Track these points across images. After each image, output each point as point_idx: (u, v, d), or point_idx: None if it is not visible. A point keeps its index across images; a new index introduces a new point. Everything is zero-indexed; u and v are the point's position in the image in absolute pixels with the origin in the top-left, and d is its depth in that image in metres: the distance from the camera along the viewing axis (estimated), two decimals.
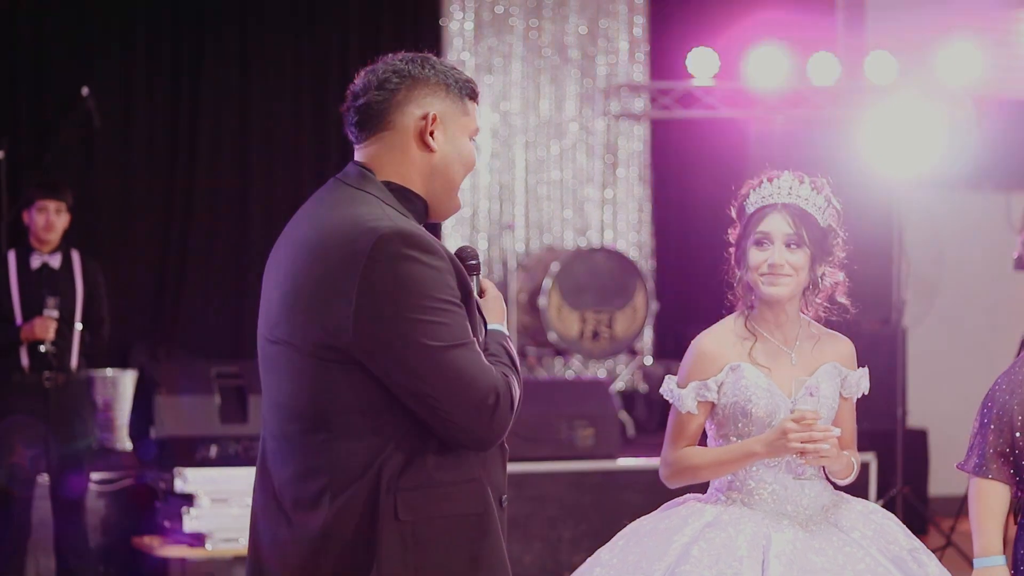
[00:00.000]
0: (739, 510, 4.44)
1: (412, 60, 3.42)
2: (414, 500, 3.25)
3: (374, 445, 3.24)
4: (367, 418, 3.24)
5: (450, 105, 3.41)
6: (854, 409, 4.67)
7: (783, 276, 4.44)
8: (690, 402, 4.49)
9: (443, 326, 3.19)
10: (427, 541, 3.26)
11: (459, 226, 11.91)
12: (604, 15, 12.28)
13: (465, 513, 3.31)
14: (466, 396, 3.21)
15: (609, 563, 4.42)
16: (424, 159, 3.39)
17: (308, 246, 3.31)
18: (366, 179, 3.37)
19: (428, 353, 3.18)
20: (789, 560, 4.27)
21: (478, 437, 3.26)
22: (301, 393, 3.29)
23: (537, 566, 9.12)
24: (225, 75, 11.08)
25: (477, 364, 3.23)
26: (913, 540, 4.50)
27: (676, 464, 4.52)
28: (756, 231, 4.47)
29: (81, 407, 8.38)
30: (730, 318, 4.59)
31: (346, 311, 3.19)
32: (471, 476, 3.32)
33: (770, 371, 4.48)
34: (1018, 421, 4.40)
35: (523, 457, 9.39)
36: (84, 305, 8.36)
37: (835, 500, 4.53)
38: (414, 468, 3.26)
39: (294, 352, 3.29)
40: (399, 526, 3.24)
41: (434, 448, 3.27)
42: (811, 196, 4.48)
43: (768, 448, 4.36)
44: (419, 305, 3.18)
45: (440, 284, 3.20)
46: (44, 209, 8.28)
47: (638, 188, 12.41)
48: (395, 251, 3.18)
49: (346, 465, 3.24)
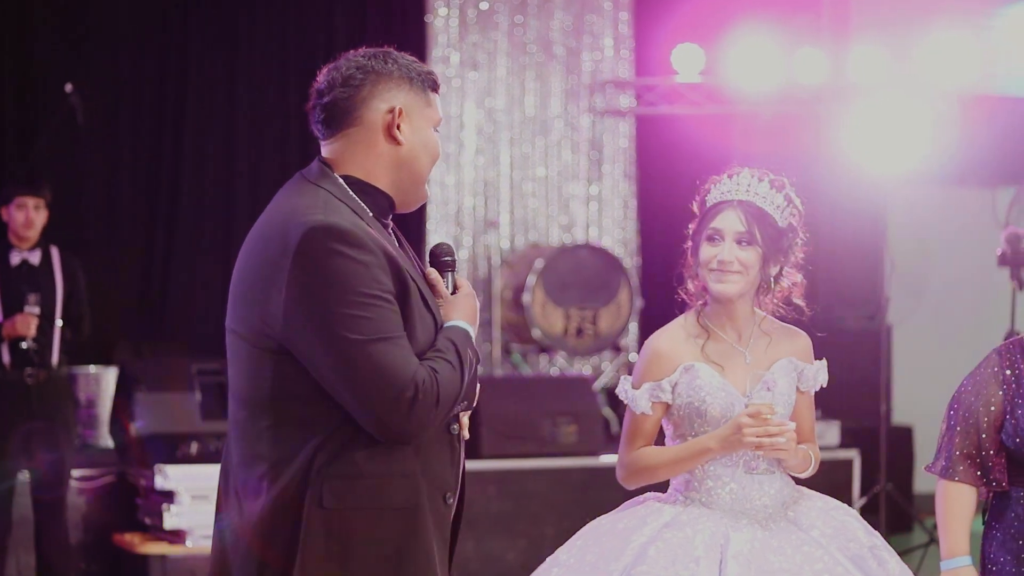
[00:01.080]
0: (697, 510, 4.40)
1: (374, 55, 3.49)
2: (341, 489, 3.31)
3: (309, 433, 3.32)
4: (301, 407, 3.32)
5: (414, 98, 3.48)
6: (812, 403, 4.64)
7: (732, 273, 4.40)
8: (644, 403, 4.45)
9: (365, 320, 3.25)
10: (351, 531, 3.33)
11: (444, 222, 11.89)
12: (589, 11, 12.26)
13: (393, 507, 3.36)
14: (382, 389, 3.25)
15: (567, 563, 4.38)
16: (391, 152, 3.47)
17: (254, 240, 3.43)
18: (325, 175, 3.46)
19: (347, 345, 3.24)
20: (747, 560, 4.24)
21: (394, 431, 3.30)
22: (248, 381, 3.40)
23: (520, 563, 9.11)
24: (211, 74, 11.05)
25: (398, 358, 3.27)
26: (874, 537, 4.46)
27: (632, 465, 4.48)
28: (709, 227, 4.44)
29: (63, 404, 8.38)
30: (684, 316, 4.55)
31: (277, 302, 3.29)
32: (403, 470, 3.37)
33: (723, 369, 4.44)
34: (983, 423, 4.39)
35: (506, 454, 9.40)
36: (64, 301, 8.36)
37: (795, 496, 4.50)
38: (344, 458, 3.32)
39: (243, 341, 3.40)
40: (323, 513, 3.30)
41: (366, 440, 3.32)
42: (769, 194, 4.44)
43: (723, 444, 4.34)
44: (342, 299, 3.25)
45: (366, 279, 3.27)
46: (23, 205, 8.27)
47: (623, 184, 12.40)
48: (322, 245, 3.27)
49: (283, 452, 3.32)
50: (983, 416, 4.38)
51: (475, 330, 3.53)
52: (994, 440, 4.38)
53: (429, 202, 11.77)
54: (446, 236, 11.86)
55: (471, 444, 9.43)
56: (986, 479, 4.39)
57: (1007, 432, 4.36)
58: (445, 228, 11.87)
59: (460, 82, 11.96)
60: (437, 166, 12.25)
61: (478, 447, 9.40)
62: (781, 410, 4.43)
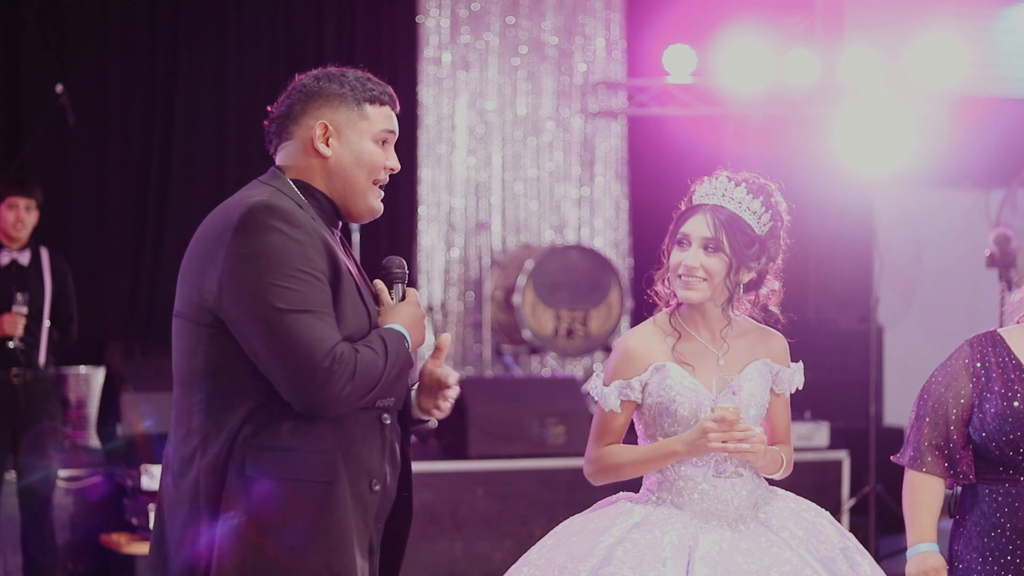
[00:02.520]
0: (668, 510, 4.38)
1: (316, 77, 3.78)
2: (262, 459, 3.50)
3: (240, 407, 3.51)
4: (234, 380, 3.51)
5: (344, 113, 3.74)
6: (788, 405, 4.61)
7: (696, 279, 4.36)
8: (613, 400, 4.43)
9: (294, 291, 3.45)
10: (268, 499, 3.48)
11: (435, 223, 11.87)
12: (581, 12, 12.25)
13: (310, 480, 3.53)
14: (300, 357, 3.43)
15: (536, 563, 4.37)
16: (320, 163, 3.73)
17: (201, 227, 3.65)
18: (275, 175, 3.73)
19: (272, 314, 3.44)
20: (714, 562, 4.23)
21: (309, 400, 3.47)
22: (184, 358, 3.60)
23: (508, 564, 9.02)
24: (200, 75, 11.04)
25: (319, 330, 3.46)
26: (846, 539, 4.44)
27: (599, 462, 4.46)
28: (679, 231, 4.40)
29: (50, 404, 8.36)
30: (658, 316, 4.52)
31: (214, 274, 3.50)
32: (323, 448, 3.55)
33: (695, 370, 4.42)
34: (952, 415, 4.38)
35: (494, 454, 9.39)
36: (53, 302, 8.36)
37: (768, 497, 4.48)
38: (270, 430, 3.51)
39: (183, 321, 3.60)
40: (244, 481, 3.49)
41: (291, 414, 3.51)
42: (744, 199, 4.38)
43: (688, 448, 4.31)
44: (274, 270, 3.46)
45: (299, 256, 3.48)
46: (14, 206, 8.27)
47: (615, 185, 12.39)
48: (261, 221, 3.50)
49: (213, 425, 3.52)
50: (952, 408, 4.39)
51: (415, 337, 3.69)
52: (962, 432, 4.38)
53: (420, 203, 11.76)
54: (437, 237, 11.85)
55: (459, 444, 9.46)
56: (953, 471, 4.40)
57: (974, 426, 4.36)
58: (436, 229, 11.86)
59: (451, 83, 11.95)
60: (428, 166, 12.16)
61: (466, 447, 9.39)
62: (753, 411, 4.41)
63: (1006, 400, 4.31)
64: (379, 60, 11.25)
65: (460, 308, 11.89)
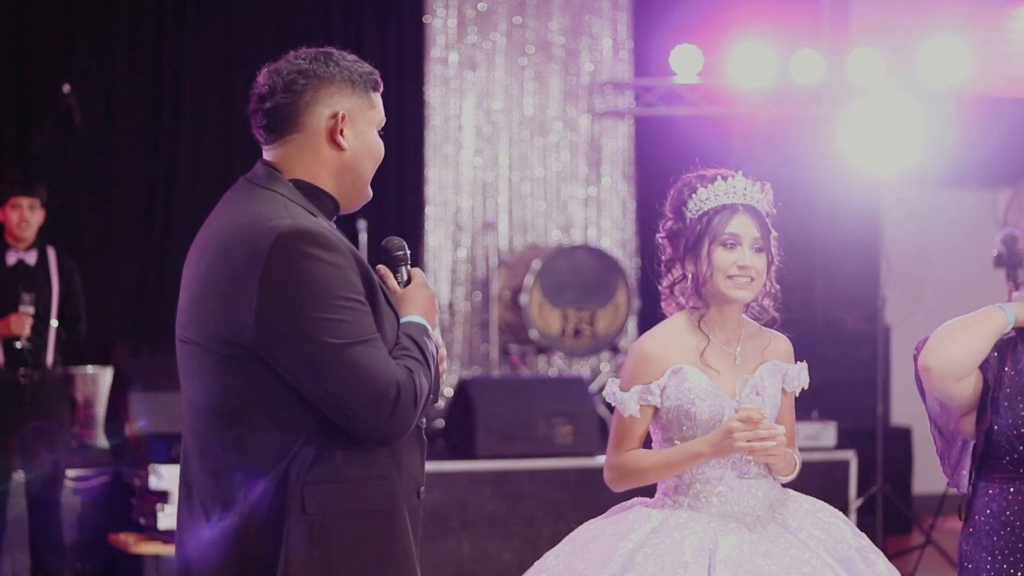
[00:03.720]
0: (686, 514, 4.36)
1: (315, 58, 3.44)
2: (321, 494, 3.27)
3: (283, 441, 3.27)
4: (275, 414, 3.27)
5: (356, 101, 3.44)
6: (793, 405, 4.61)
7: (748, 279, 4.37)
8: (632, 406, 4.40)
9: (343, 323, 3.21)
10: (333, 535, 3.29)
11: (442, 223, 11.88)
12: (588, 12, 12.25)
13: (372, 509, 3.33)
14: (366, 392, 3.22)
15: (555, 570, 4.34)
16: (335, 157, 3.43)
17: (214, 246, 3.34)
18: (274, 178, 3.40)
19: (328, 350, 3.20)
20: (735, 564, 4.21)
21: (379, 432, 3.28)
22: (210, 391, 3.31)
23: (515, 564, 9.09)
24: (207, 75, 11.05)
25: (378, 360, 3.24)
26: (861, 538, 4.44)
27: (620, 468, 4.44)
28: (725, 231, 4.36)
29: (57, 404, 8.37)
30: (673, 319, 4.49)
31: (248, 309, 3.22)
32: (380, 472, 3.35)
33: (718, 374, 4.41)
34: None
35: (502, 454, 9.39)
36: (60, 302, 8.36)
37: (782, 498, 4.47)
38: (322, 463, 3.28)
39: (201, 351, 3.32)
40: (306, 519, 3.26)
41: (343, 443, 3.29)
42: (761, 199, 4.42)
43: (714, 449, 4.29)
44: (319, 303, 3.20)
45: (341, 281, 3.23)
46: (18, 206, 8.28)
47: (622, 185, 12.39)
48: (295, 249, 3.22)
49: (257, 461, 3.28)
50: None
51: (434, 319, 3.50)
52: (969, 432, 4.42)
53: (427, 202, 11.77)
54: (444, 237, 11.85)
55: (466, 444, 9.46)
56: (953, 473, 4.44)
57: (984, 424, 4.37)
58: (443, 228, 11.86)
59: (458, 83, 11.95)
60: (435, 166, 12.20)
61: (473, 447, 9.39)
62: (769, 412, 4.40)
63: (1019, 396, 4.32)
64: (386, 60, 11.26)
65: (467, 308, 11.89)
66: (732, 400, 4.38)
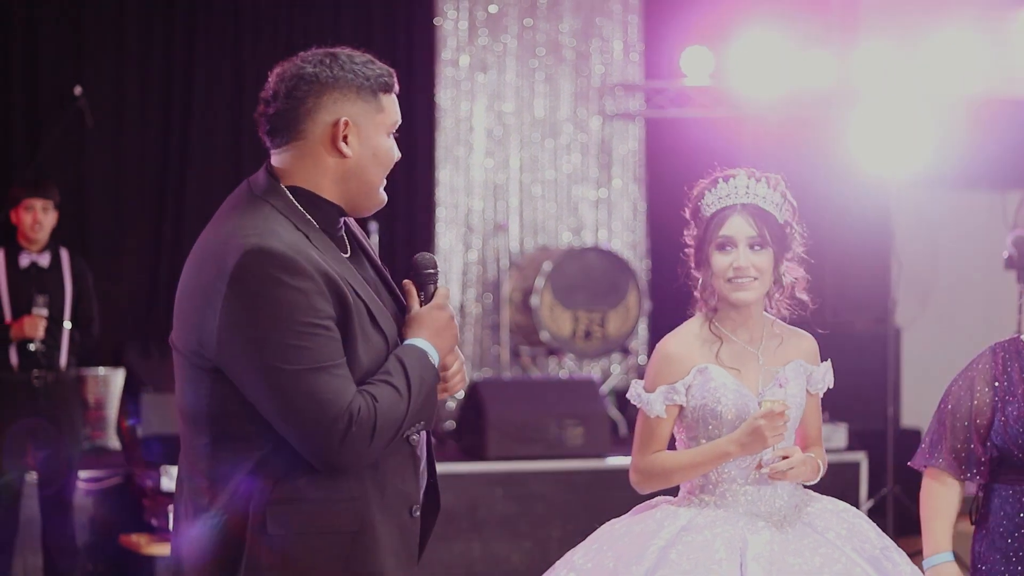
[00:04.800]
0: (713, 512, 4.37)
1: (320, 61, 3.33)
2: (283, 514, 3.23)
3: (247, 453, 3.24)
4: (241, 425, 3.23)
5: (362, 106, 3.34)
6: (820, 405, 4.63)
7: (748, 280, 4.37)
8: (658, 406, 4.41)
9: (301, 349, 3.15)
10: (295, 557, 3.24)
11: (453, 225, 11.89)
12: (598, 14, 12.25)
13: (339, 530, 3.27)
14: (314, 420, 3.16)
15: (583, 567, 4.35)
16: (338, 165, 3.34)
17: (196, 255, 3.33)
18: (272, 187, 3.34)
19: (281, 376, 3.15)
20: (768, 562, 4.22)
21: (328, 461, 3.21)
22: (187, 397, 3.30)
23: (526, 565, 9.11)
24: (217, 81, 11.07)
25: (332, 388, 3.17)
26: (884, 539, 4.46)
27: (648, 470, 4.44)
28: (719, 235, 4.37)
29: (70, 406, 8.39)
30: (693, 320, 4.51)
31: (212, 325, 3.18)
32: (348, 495, 3.27)
33: (738, 372, 4.41)
34: (971, 420, 4.41)
35: (512, 456, 9.40)
36: (73, 304, 8.37)
37: (806, 499, 4.49)
38: (286, 482, 3.24)
39: (181, 358, 3.31)
40: (267, 539, 3.23)
41: (306, 463, 3.23)
42: (768, 194, 4.39)
43: (741, 447, 4.31)
44: (278, 327, 3.15)
45: (303, 306, 3.16)
46: (31, 207, 8.29)
47: (632, 187, 12.40)
48: (259, 271, 3.16)
49: (221, 471, 3.25)
50: (972, 413, 4.41)
51: (443, 343, 3.39)
52: (981, 438, 4.40)
53: (438, 205, 11.78)
54: (455, 238, 11.86)
55: (477, 446, 9.47)
56: (968, 473, 4.41)
57: (996, 430, 4.37)
58: (454, 230, 11.88)
59: (469, 85, 11.96)
60: (447, 168, 12.20)
61: (484, 449, 9.41)
62: (792, 412, 4.41)
63: None
64: (396, 62, 11.15)
65: (478, 310, 11.90)
66: (757, 397, 4.39)
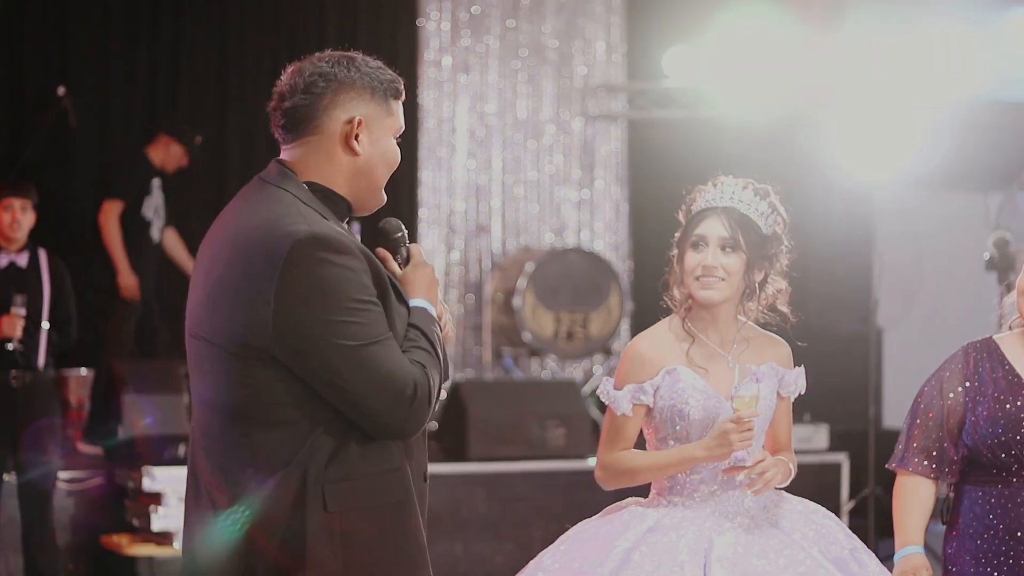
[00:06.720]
0: (681, 514, 4.40)
1: (338, 62, 3.49)
2: (340, 491, 3.34)
3: (297, 438, 3.33)
4: (289, 412, 3.33)
5: (375, 108, 3.50)
6: (791, 409, 4.65)
7: (716, 279, 4.40)
8: (625, 404, 4.44)
9: (359, 325, 3.29)
10: (354, 532, 3.35)
11: (435, 226, 11.88)
12: (581, 15, 12.26)
13: (389, 503, 3.40)
14: (385, 392, 3.31)
15: (551, 568, 4.37)
16: (349, 162, 3.48)
17: (230, 247, 3.40)
18: (288, 179, 3.46)
19: (346, 352, 3.28)
20: (731, 564, 4.24)
21: (399, 428, 3.36)
22: (223, 389, 3.37)
23: (508, 566, 9.08)
24: (202, 81, 11.05)
25: (393, 359, 3.32)
26: (854, 540, 4.48)
27: (613, 467, 4.47)
28: (693, 233, 4.44)
29: (49, 406, 8.35)
30: (667, 320, 4.54)
31: (265, 313, 3.29)
32: (393, 465, 3.41)
33: (707, 372, 4.44)
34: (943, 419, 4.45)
35: (494, 457, 9.40)
36: (51, 304, 8.34)
37: (776, 500, 4.50)
38: (339, 459, 3.34)
39: (215, 349, 3.37)
40: (328, 517, 3.32)
41: (357, 439, 3.36)
42: (753, 201, 4.44)
43: (709, 452, 4.32)
44: (334, 307, 3.28)
45: (355, 285, 3.31)
46: (10, 207, 8.26)
47: (615, 189, 12.40)
48: (311, 255, 3.28)
49: (267, 458, 3.33)
50: (943, 412, 4.44)
51: (435, 295, 3.55)
52: (953, 437, 4.42)
53: (420, 205, 11.77)
54: (437, 239, 11.86)
55: (459, 446, 9.47)
56: (940, 473, 4.44)
57: (967, 430, 4.40)
58: (436, 231, 11.87)
59: (452, 86, 11.96)
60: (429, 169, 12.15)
61: (466, 449, 9.40)
62: (763, 413, 4.42)
63: (998, 403, 4.35)
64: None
65: (460, 311, 11.89)
66: (725, 401, 4.40)
